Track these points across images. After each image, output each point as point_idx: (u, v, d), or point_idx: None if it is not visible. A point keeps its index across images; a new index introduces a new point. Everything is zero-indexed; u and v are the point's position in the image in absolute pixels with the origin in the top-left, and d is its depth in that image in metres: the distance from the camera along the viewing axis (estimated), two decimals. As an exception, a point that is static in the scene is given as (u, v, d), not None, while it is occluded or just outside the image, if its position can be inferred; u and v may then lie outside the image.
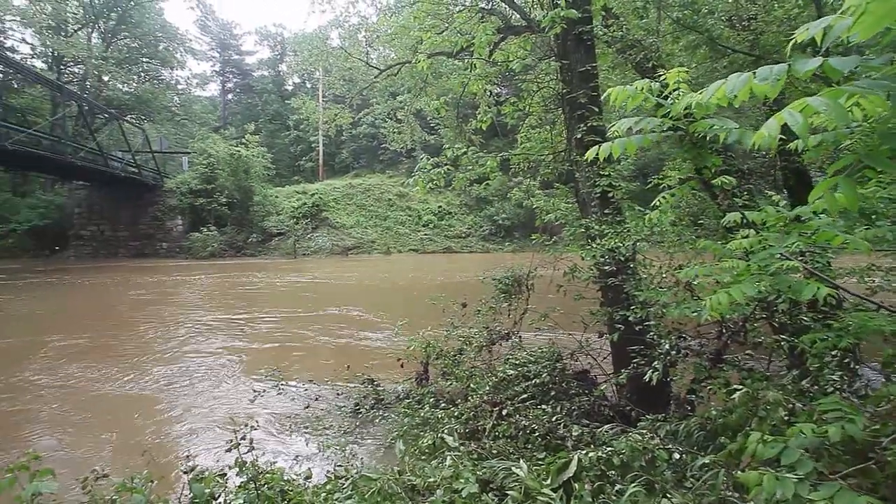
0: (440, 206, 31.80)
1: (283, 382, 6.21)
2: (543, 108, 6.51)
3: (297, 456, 4.30)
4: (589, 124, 4.51)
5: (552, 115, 6.34)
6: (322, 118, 21.37)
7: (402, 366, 5.38)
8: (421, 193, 5.92)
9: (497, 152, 6.00)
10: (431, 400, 4.38)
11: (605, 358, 4.62)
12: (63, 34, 31.64)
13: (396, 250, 28.73)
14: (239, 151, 28.25)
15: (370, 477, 2.15)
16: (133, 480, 1.97)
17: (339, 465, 2.54)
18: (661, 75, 1.68)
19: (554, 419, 3.33)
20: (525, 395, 3.84)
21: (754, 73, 1.14)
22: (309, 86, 46.62)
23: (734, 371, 3.00)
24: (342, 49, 17.04)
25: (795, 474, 1.34)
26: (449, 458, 2.34)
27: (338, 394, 5.79)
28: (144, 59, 36.82)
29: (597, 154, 1.72)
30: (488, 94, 9.79)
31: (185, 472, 2.09)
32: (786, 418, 1.90)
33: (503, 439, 3.24)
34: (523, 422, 3.24)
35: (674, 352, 3.25)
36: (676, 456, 2.12)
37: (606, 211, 4.43)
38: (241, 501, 1.96)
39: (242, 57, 51.33)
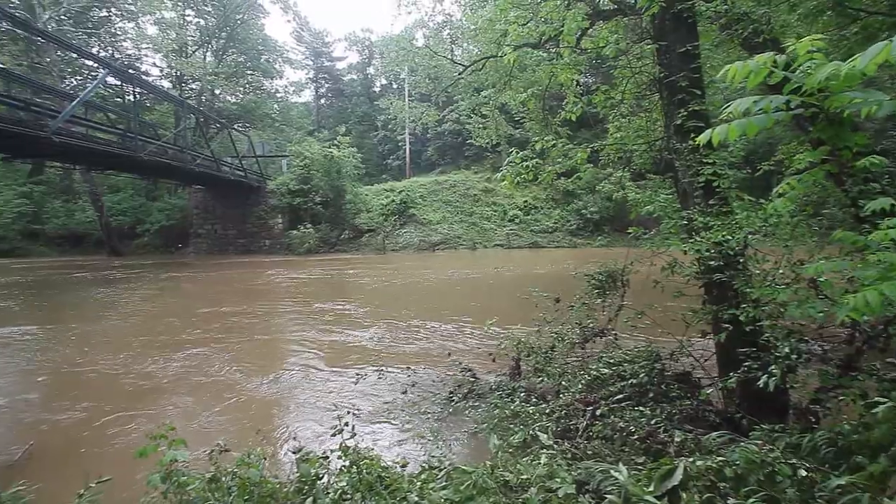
0: (526, 201, 31.34)
1: (384, 368, 6.50)
2: (637, 95, 6.15)
3: (392, 439, 4.47)
4: (690, 109, 4.18)
5: (647, 101, 5.97)
6: (409, 117, 21.91)
7: (493, 360, 5.39)
8: (509, 188, 5.85)
9: (585, 143, 5.78)
10: (522, 394, 4.33)
11: (707, 360, 4.28)
12: (184, 55, 35.36)
13: (482, 246, 28.80)
14: (331, 153, 29.84)
15: (465, 470, 2.17)
16: (249, 456, 2.16)
17: (434, 456, 2.58)
18: (788, 46, 1.49)
19: (653, 422, 3.15)
20: (621, 396, 3.67)
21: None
22: (395, 86, 48.12)
23: (871, 381, 2.63)
24: (427, 48, 17.32)
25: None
26: (543, 455, 2.29)
27: (433, 381, 5.94)
28: (249, 72, 40.05)
29: (700, 141, 1.57)
30: (576, 83, 9.45)
31: (293, 453, 2.25)
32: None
33: (598, 440, 3.13)
34: (620, 423, 3.10)
35: (794, 356, 2.93)
36: (803, 473, 1.89)
37: (711, 202, 4.08)
38: (344, 483, 2.06)
39: (333, 63, 54.09)
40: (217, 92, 38.32)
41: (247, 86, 40.75)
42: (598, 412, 3.55)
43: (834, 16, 5.21)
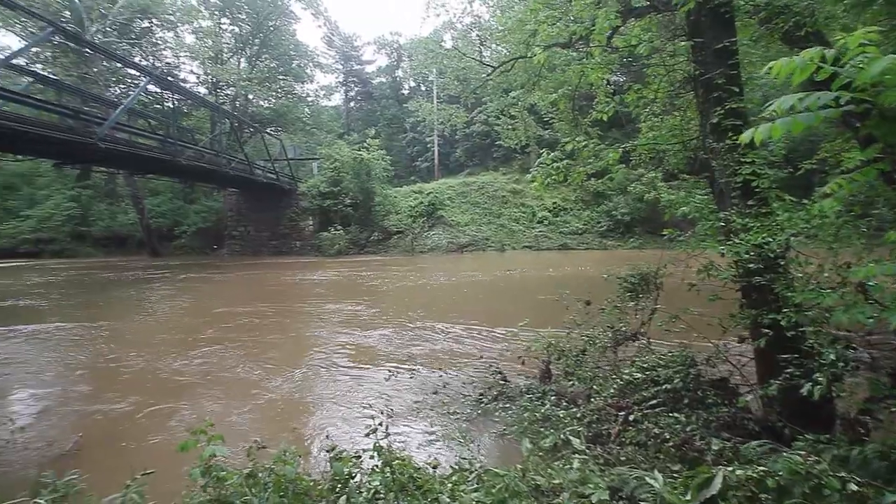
0: (555, 203, 30.98)
1: (416, 368, 6.55)
2: (671, 94, 6.00)
3: (421, 438, 4.49)
4: (728, 107, 4.05)
5: (681, 99, 5.83)
6: (437, 119, 21.98)
7: (522, 363, 5.35)
8: (539, 190, 5.80)
9: (616, 144, 5.67)
10: (553, 398, 4.28)
11: (744, 365, 4.14)
12: (219, 62, 36.48)
13: (511, 247, 28.61)
14: (361, 155, 30.21)
15: (496, 472, 2.16)
16: (285, 453, 2.21)
17: (464, 458, 2.58)
18: (834, 40, 1.43)
19: (689, 429, 3.06)
20: (654, 402, 3.59)
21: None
22: (424, 88, 48.38)
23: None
24: (455, 49, 17.32)
25: None
26: (576, 460, 2.25)
27: (463, 383, 5.94)
28: (281, 77, 40.95)
29: (737, 140, 1.52)
30: (606, 83, 9.29)
31: (326, 451, 2.29)
32: None
33: (631, 446, 3.06)
34: (654, 429, 3.02)
35: (840, 363, 2.80)
36: (853, 487, 1.80)
37: (750, 202, 3.94)
38: (378, 483, 2.08)
39: (363, 66, 54.79)
40: (250, 97, 39.39)
41: (279, 90, 41.72)
42: (630, 417, 3.48)
43: (884, 5, 4.94)
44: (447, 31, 36.35)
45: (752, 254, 3.43)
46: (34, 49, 27.85)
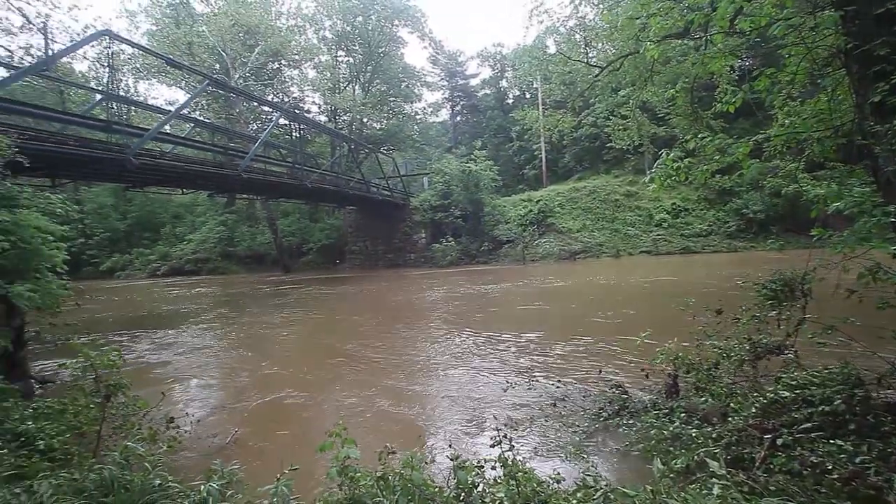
0: (674, 203, 28.73)
1: (535, 378, 6.49)
2: (813, 73, 5.28)
3: (539, 450, 4.41)
4: (893, 81, 3.46)
5: (829, 79, 5.10)
6: (544, 125, 21.70)
7: (646, 376, 5.03)
8: (658, 191, 5.44)
9: (745, 136, 5.10)
10: (682, 415, 3.95)
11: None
12: (337, 91, 39.80)
13: (626, 253, 27.07)
14: (469, 167, 30.85)
15: (625, 492, 2.05)
16: (413, 459, 2.32)
17: (589, 474, 2.49)
18: None
19: (858, 461, 2.63)
20: (808, 425, 3.13)
21: None
22: (528, 96, 48.12)
23: None
24: (560, 53, 17.02)
25: None
26: (716, 486, 2.06)
27: (583, 395, 5.75)
28: (391, 99, 43.46)
29: None
30: (730, 70, 8.44)
31: (451, 459, 2.35)
32: None
33: (781, 474, 2.70)
34: (811, 457, 2.64)
35: None
36: None
37: (928, 192, 3.33)
38: (502, 495, 2.09)
39: (467, 80, 55.99)
40: (365, 120, 42.36)
41: (390, 112, 44.27)
42: (779, 441, 3.08)
43: None
44: (550, 35, 35.96)
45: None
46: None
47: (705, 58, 6.01)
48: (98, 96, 18.61)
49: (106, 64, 25.16)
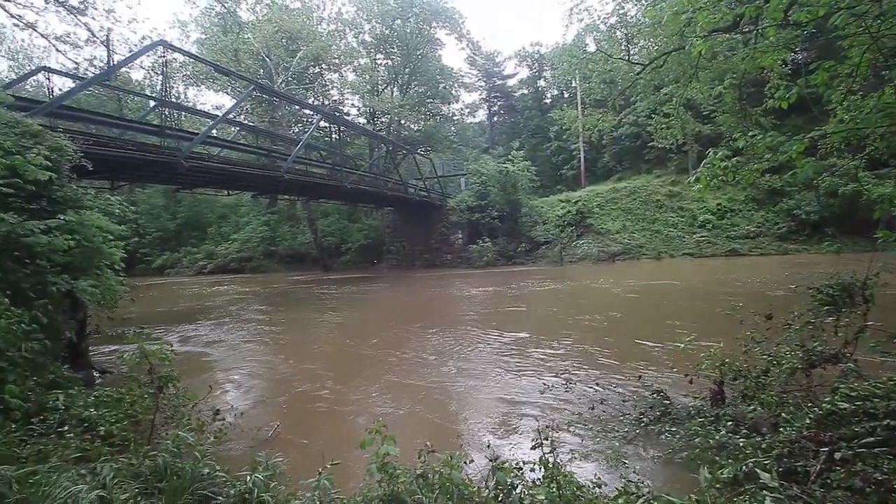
0: (719, 204, 27.64)
1: (573, 381, 6.42)
2: (878, 66, 4.99)
3: (577, 454, 4.35)
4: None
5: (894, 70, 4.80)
6: (583, 125, 21.35)
7: (690, 381, 4.88)
8: (703, 192, 5.25)
9: (795, 133, 4.87)
10: (729, 423, 3.81)
11: None
12: (375, 94, 40.42)
13: (668, 255, 26.25)
14: (506, 168, 30.69)
15: (670, 500, 2.00)
16: (451, 458, 2.34)
17: (631, 481, 2.44)
18: None
19: (926, 478, 2.46)
20: (871, 439, 2.95)
21: None
22: (567, 95, 47.47)
23: None
24: (600, 51, 16.74)
25: None
26: (767, 499, 1.98)
27: (623, 400, 5.63)
28: (429, 100, 43.75)
29: None
30: (782, 64, 8.05)
31: (490, 460, 2.36)
32: None
33: (840, 490, 2.57)
34: (875, 474, 2.50)
35: None
36: None
37: None
38: (543, 497, 2.08)
39: (504, 81, 55.70)
40: (402, 122, 42.86)
41: (427, 113, 44.60)
42: (837, 455, 2.93)
43: None
44: (589, 34, 35.32)
45: None
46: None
47: (755, 52, 5.78)
48: (152, 103, 19.56)
49: (160, 72, 26.48)
